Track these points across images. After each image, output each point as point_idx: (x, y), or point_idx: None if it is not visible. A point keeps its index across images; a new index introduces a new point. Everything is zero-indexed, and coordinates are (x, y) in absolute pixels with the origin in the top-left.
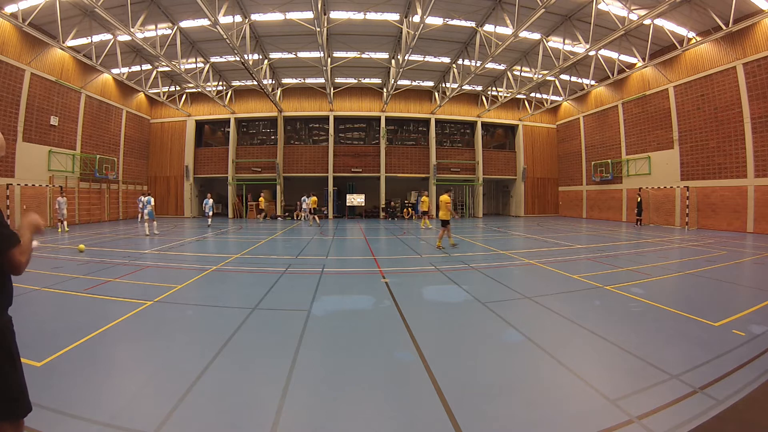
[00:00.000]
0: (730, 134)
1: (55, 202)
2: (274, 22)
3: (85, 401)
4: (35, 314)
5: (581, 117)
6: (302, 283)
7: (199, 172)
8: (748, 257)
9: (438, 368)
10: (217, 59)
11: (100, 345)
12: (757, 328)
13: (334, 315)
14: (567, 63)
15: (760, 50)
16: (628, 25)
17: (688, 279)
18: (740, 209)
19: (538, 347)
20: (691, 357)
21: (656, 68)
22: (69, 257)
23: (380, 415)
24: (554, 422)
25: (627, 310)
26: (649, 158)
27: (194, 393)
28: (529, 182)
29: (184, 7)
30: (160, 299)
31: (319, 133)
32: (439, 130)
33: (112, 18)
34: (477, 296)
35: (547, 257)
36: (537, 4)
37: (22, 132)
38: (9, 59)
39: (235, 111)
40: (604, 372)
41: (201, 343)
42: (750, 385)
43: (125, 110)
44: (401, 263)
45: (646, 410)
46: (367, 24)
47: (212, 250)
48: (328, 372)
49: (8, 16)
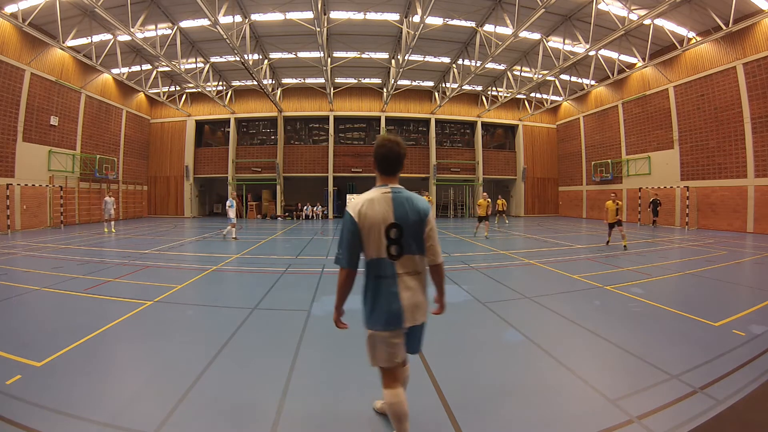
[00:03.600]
0: (730, 134)
1: (102, 201)
2: (274, 22)
3: (85, 401)
4: (35, 314)
5: (581, 117)
6: (302, 283)
7: (199, 172)
8: (748, 257)
9: (438, 368)
10: (217, 59)
11: (100, 345)
12: (757, 328)
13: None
14: (567, 63)
15: (760, 50)
16: (628, 25)
17: (688, 279)
18: (740, 209)
19: (538, 347)
20: (691, 357)
21: (656, 68)
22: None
23: (380, 414)
24: (554, 422)
25: (627, 310)
26: (649, 158)
27: (194, 393)
28: (529, 182)
29: (184, 7)
30: (160, 299)
31: (319, 133)
32: (439, 130)
33: (112, 18)
34: (477, 296)
35: (547, 257)
36: (537, 4)
37: (22, 132)
38: (9, 59)
39: (235, 111)
40: (604, 372)
41: (201, 343)
42: (750, 385)
43: (125, 110)
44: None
45: (646, 410)
46: (367, 24)
47: (212, 251)
48: (328, 372)
49: (8, 16)
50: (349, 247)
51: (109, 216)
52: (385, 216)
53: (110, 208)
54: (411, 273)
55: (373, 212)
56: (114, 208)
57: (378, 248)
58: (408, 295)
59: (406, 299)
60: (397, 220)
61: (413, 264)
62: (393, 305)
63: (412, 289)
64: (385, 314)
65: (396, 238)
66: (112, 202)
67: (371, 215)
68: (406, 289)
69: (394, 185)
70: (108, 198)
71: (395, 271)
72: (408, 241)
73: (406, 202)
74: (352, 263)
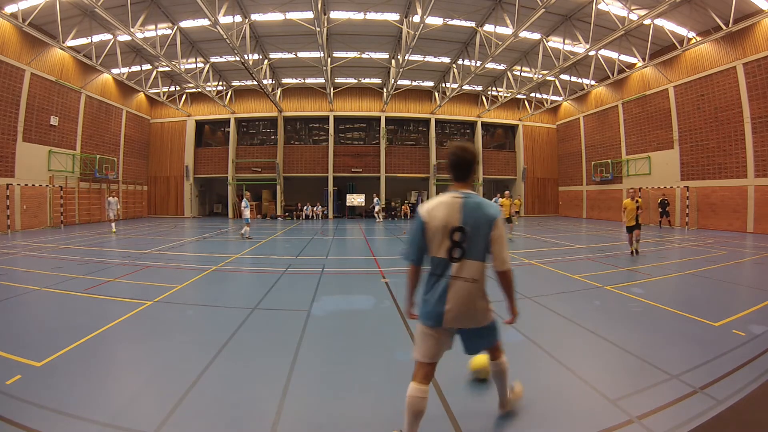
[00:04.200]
0: (730, 134)
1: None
2: (274, 22)
3: (85, 401)
4: (35, 314)
5: (581, 117)
6: (302, 283)
7: (199, 172)
8: (748, 257)
9: (438, 368)
10: (217, 59)
11: (100, 345)
12: (757, 328)
13: (334, 315)
14: (567, 63)
15: (760, 50)
16: (628, 25)
17: (688, 279)
18: (740, 209)
19: (538, 347)
20: (691, 357)
21: (656, 68)
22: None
23: (380, 415)
24: (554, 422)
25: (627, 310)
26: (649, 158)
27: (194, 393)
28: (529, 182)
29: (184, 7)
30: (160, 299)
31: (319, 133)
32: (439, 130)
33: (112, 18)
34: None
35: (547, 257)
36: (537, 4)
37: (22, 132)
38: (9, 59)
39: (235, 111)
40: (604, 372)
41: (201, 343)
42: (750, 385)
43: (125, 110)
44: (401, 263)
45: (646, 410)
46: (367, 24)
47: (212, 250)
48: (328, 372)
49: (8, 16)
50: (415, 244)
51: (113, 216)
52: (451, 219)
53: (114, 209)
54: (467, 279)
55: (441, 215)
56: (118, 208)
57: (440, 248)
58: (455, 299)
59: (452, 302)
60: (462, 224)
61: (472, 270)
62: (438, 305)
63: (462, 294)
64: (430, 311)
65: (459, 242)
66: (116, 202)
67: (439, 217)
68: (455, 293)
69: (466, 191)
70: (111, 198)
71: (451, 272)
72: (471, 246)
73: (476, 207)
74: (417, 259)
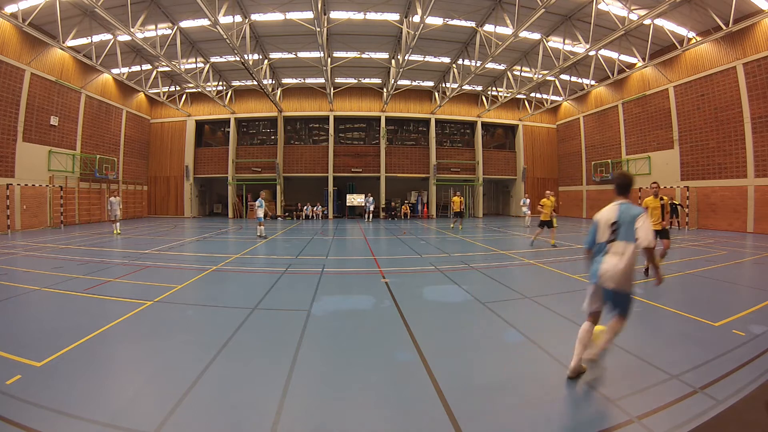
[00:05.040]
0: (730, 134)
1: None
2: (274, 22)
3: (85, 401)
4: (35, 314)
5: (581, 117)
6: (302, 283)
7: (199, 172)
8: (748, 257)
9: (438, 368)
10: (217, 59)
11: (100, 345)
12: (757, 328)
13: (334, 315)
14: (567, 63)
15: (760, 50)
16: (628, 25)
17: (687, 279)
18: (740, 209)
19: (538, 347)
20: (691, 357)
21: (656, 68)
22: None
23: (380, 414)
24: (554, 422)
25: None
26: (649, 158)
27: (194, 393)
28: (529, 182)
29: (184, 7)
30: (160, 299)
31: (319, 133)
32: (439, 130)
33: (112, 18)
34: (477, 296)
35: (547, 257)
36: (537, 4)
37: (22, 132)
38: (9, 59)
39: (235, 111)
40: (603, 372)
41: (201, 343)
42: (750, 385)
43: (125, 110)
44: (401, 263)
45: (646, 410)
46: (367, 24)
47: (212, 250)
48: (328, 372)
49: (8, 16)
50: (592, 234)
51: (115, 216)
52: (610, 217)
53: (116, 209)
54: (616, 253)
55: (605, 215)
56: (120, 209)
57: (603, 235)
58: (607, 265)
59: (604, 267)
60: (617, 219)
61: (620, 247)
62: (596, 268)
63: (612, 263)
64: (592, 272)
65: (614, 230)
66: (118, 202)
67: (604, 217)
68: (607, 261)
69: (623, 201)
70: (113, 198)
71: (607, 249)
72: (621, 232)
73: (626, 209)
74: (591, 245)
